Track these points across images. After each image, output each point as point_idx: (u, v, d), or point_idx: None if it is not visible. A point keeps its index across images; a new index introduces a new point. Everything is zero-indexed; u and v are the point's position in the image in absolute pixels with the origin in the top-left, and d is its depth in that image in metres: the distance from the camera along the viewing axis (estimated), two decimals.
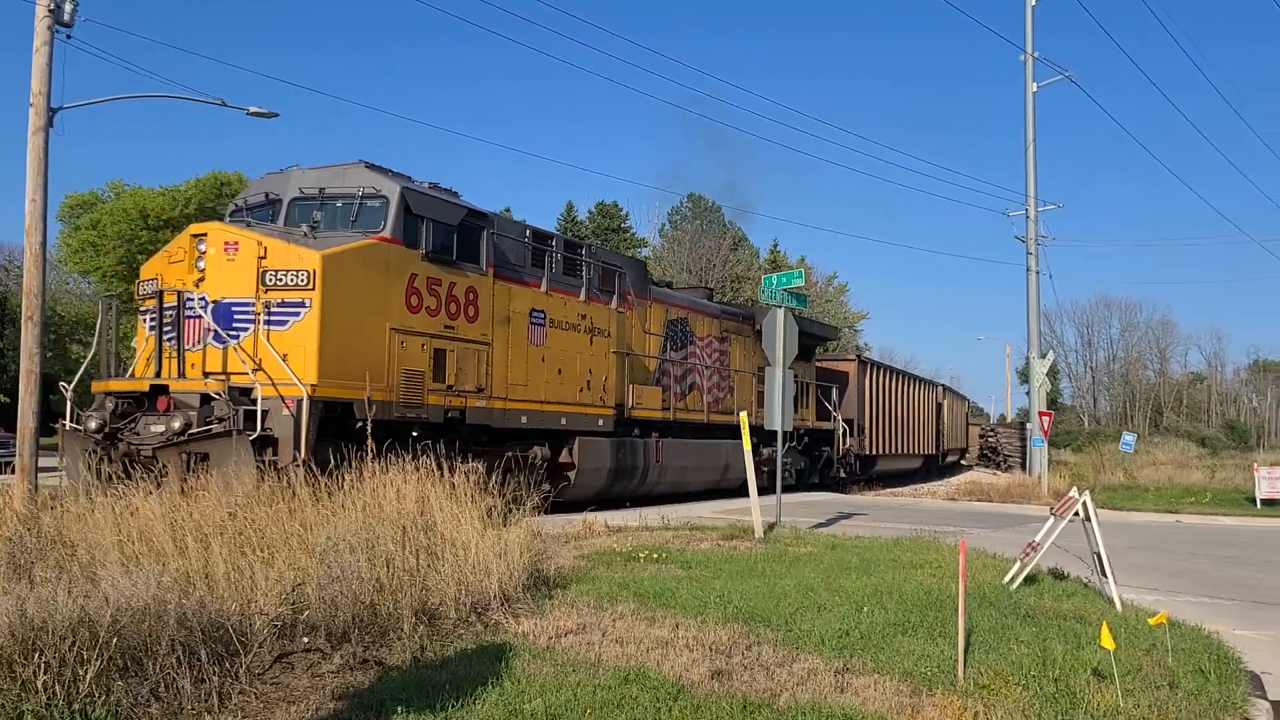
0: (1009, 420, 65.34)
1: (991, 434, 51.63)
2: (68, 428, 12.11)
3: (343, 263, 12.20)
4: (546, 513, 15.48)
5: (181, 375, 11.50)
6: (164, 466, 11.01)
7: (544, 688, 5.07)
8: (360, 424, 12.34)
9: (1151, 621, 6.48)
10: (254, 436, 10.92)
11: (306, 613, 5.71)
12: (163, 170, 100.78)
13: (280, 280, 11.83)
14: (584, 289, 17.01)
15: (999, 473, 42.26)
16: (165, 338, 12.10)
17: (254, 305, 11.82)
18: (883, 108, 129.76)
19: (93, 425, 11.52)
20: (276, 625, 5.42)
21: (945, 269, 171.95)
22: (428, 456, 9.92)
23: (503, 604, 6.95)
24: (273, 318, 11.83)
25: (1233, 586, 10.66)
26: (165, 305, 12.05)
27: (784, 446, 17.83)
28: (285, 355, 11.60)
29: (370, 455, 12.83)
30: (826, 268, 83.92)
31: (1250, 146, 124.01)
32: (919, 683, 5.52)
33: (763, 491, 27.62)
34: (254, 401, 11.30)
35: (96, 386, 12.28)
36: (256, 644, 5.09)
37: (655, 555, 10.03)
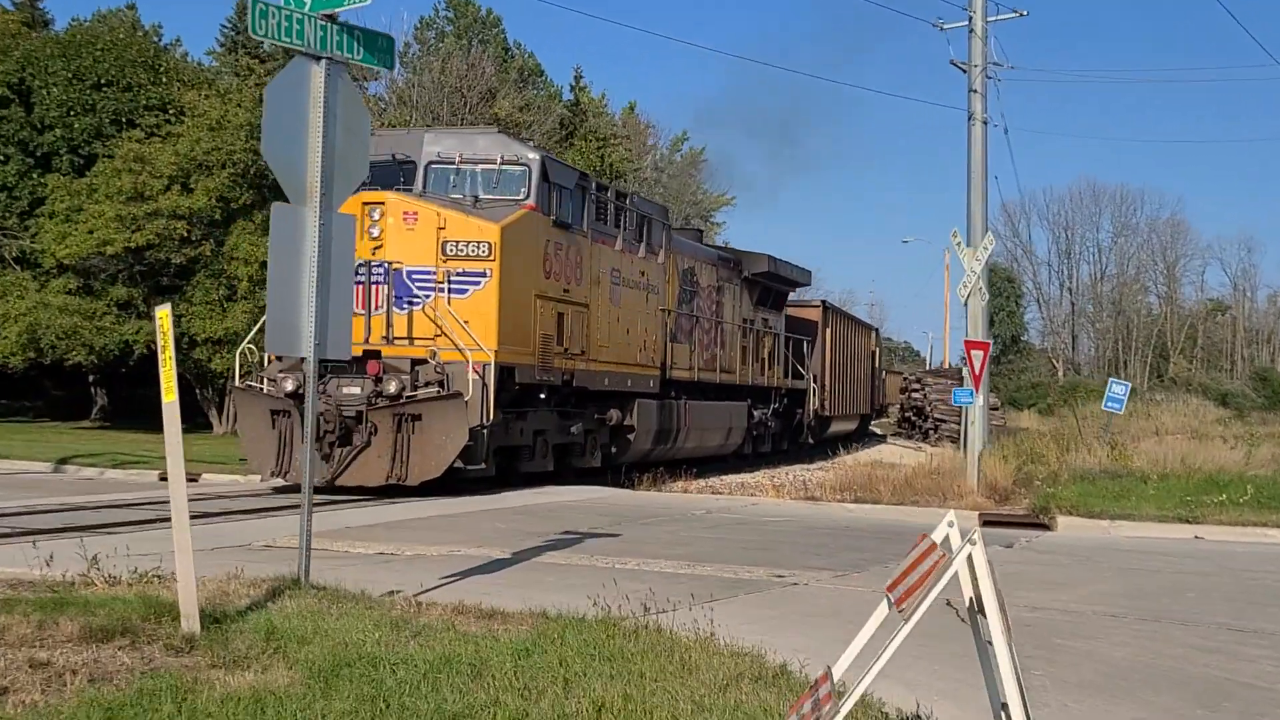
0: (947, 366, 42.93)
1: (917, 386, 35.46)
2: (244, 387, 12.32)
3: (514, 233, 12.86)
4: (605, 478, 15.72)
5: (388, 341, 11.99)
6: (374, 426, 11.61)
7: None
8: (519, 387, 13.22)
9: None
10: (467, 399, 11.64)
11: None
12: None
13: (461, 250, 12.41)
14: (643, 245, 17.23)
15: (925, 446, 29.46)
16: None
17: (435, 274, 12.36)
18: None
19: (289, 387, 11.80)
20: None
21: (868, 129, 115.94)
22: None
23: None
24: (453, 286, 12.42)
25: None
26: None
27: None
28: (467, 321, 12.26)
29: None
30: (666, 123, 64.09)
31: None
32: None
33: (777, 459, 26.52)
34: (438, 368, 11.99)
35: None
36: None
37: None
